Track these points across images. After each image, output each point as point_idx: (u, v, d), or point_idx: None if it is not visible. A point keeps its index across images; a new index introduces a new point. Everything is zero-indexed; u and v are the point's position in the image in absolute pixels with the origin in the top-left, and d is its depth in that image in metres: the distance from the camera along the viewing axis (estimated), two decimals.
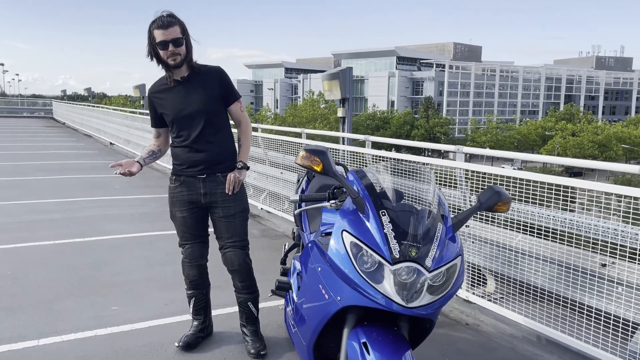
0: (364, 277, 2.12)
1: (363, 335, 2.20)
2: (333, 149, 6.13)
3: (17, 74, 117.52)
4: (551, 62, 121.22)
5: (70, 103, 32.90)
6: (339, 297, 2.22)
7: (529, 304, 3.91)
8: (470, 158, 53.78)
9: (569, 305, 3.56)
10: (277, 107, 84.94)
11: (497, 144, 67.79)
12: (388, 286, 2.10)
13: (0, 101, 48.47)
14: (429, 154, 42.70)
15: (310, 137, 6.77)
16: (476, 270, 4.36)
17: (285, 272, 3.32)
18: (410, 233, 2.19)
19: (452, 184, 4.42)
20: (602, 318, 3.30)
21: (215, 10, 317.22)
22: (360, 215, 2.28)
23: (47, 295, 4.36)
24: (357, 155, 5.64)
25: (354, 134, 6.32)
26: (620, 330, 3.24)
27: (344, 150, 5.84)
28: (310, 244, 2.60)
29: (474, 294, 4.37)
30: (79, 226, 6.76)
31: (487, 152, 4.36)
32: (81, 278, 4.80)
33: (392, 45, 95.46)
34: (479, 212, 3.27)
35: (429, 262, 2.14)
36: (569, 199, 3.42)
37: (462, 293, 4.45)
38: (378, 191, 2.37)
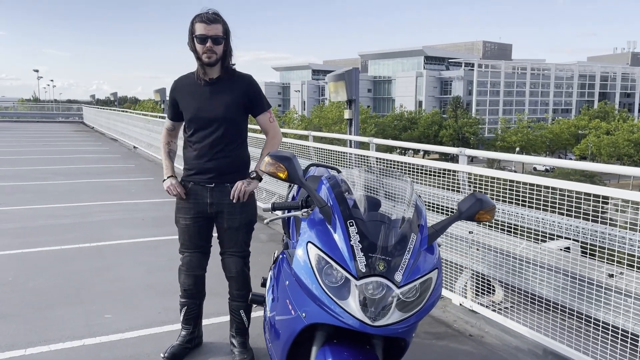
0: (328, 292, 1.97)
1: (330, 355, 2.04)
2: (341, 152, 5.98)
3: (52, 80, 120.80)
4: (585, 59, 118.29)
5: (98, 108, 33.53)
6: (303, 314, 2.07)
7: (536, 315, 3.68)
8: (500, 164, 52.72)
9: (575, 317, 3.33)
10: (304, 109, 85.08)
11: (528, 144, 66.48)
12: (353, 303, 1.94)
13: (34, 107, 49.73)
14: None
15: (317, 139, 6.62)
16: (480, 279, 4.15)
17: (265, 283, 3.20)
18: (379, 245, 2.02)
19: (456, 188, 4.23)
20: (610, 331, 3.07)
21: (243, 13, 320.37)
22: (328, 225, 2.13)
23: (43, 303, 4.32)
24: (362, 158, 5.47)
25: (359, 137, 6.15)
26: (629, 344, 3.01)
27: (350, 154, 5.67)
28: (281, 256, 2.46)
29: (480, 303, 4.16)
30: (89, 231, 6.76)
31: (489, 154, 4.14)
32: (80, 284, 4.76)
33: (420, 44, 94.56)
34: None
35: (398, 276, 1.98)
36: (565, 203, 3.20)
37: (467, 302, 4.24)
38: (349, 199, 2.21)
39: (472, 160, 61.34)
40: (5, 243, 6.11)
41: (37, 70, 71.69)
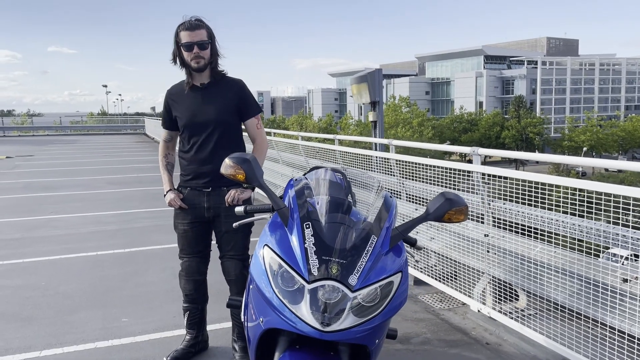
0: (280, 297, 1.91)
1: None
2: (364, 155, 5.89)
3: (120, 94, 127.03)
4: None
5: (158, 119, 34.80)
6: (261, 319, 2.03)
7: (555, 323, 3.45)
8: (567, 167, 50.24)
9: (590, 325, 3.10)
10: (361, 114, 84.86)
11: (598, 143, 63.31)
12: (304, 308, 1.88)
13: (100, 120, 52.33)
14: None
15: (342, 142, 6.56)
16: (500, 284, 3.94)
17: None
18: (335, 248, 1.95)
19: (470, 189, 4.05)
20: (626, 340, 2.83)
21: (301, 21, 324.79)
22: (286, 228, 2.08)
23: (68, 307, 4.49)
24: (384, 161, 5.36)
25: (379, 139, 6.03)
26: None
27: (372, 156, 5.58)
28: (251, 260, 2.42)
29: (500, 310, 3.95)
30: (127, 237, 7.00)
31: (503, 153, 3.93)
32: (106, 289, 4.92)
33: (479, 44, 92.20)
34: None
35: (353, 280, 1.89)
36: (582, 204, 2.98)
37: (485, 309, 4.04)
38: (311, 201, 2.15)
39: (537, 163, 59.04)
40: (49, 249, 6.42)
41: (105, 86, 75.85)
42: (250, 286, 2.20)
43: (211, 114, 3.19)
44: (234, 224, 2.43)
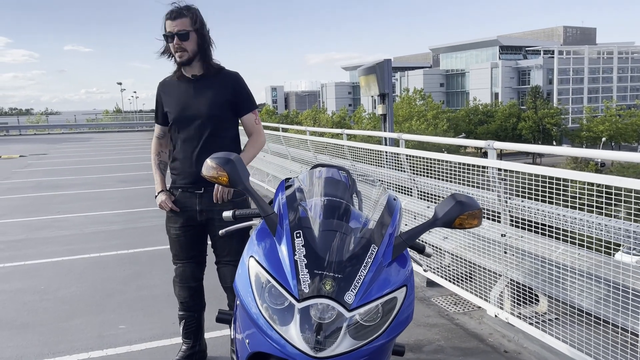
0: (266, 316, 1.69)
1: None
2: (374, 150, 5.63)
3: (135, 92, 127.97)
4: None
5: None
6: (247, 340, 1.80)
7: (580, 330, 3.18)
8: (594, 163, 49.10)
9: (620, 332, 2.83)
10: (374, 107, 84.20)
11: (617, 133, 62.10)
12: (294, 329, 1.64)
13: (115, 117, 52.45)
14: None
15: (350, 137, 6.30)
16: (519, 287, 3.67)
17: None
18: (328, 260, 1.71)
19: (486, 185, 3.78)
20: None
21: (314, 16, 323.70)
22: (274, 237, 1.84)
23: (65, 312, 4.32)
24: (395, 156, 5.10)
25: (388, 133, 5.76)
26: None
27: (382, 151, 5.32)
28: None
29: (519, 314, 3.69)
30: (132, 237, 6.83)
31: (520, 146, 3.66)
32: (106, 293, 4.74)
33: (494, 34, 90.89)
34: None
35: (349, 297, 1.66)
36: (603, 200, 2.70)
37: (503, 314, 3.78)
38: (304, 206, 1.91)
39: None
40: (52, 250, 6.27)
41: (120, 83, 75.92)
42: (238, 301, 1.97)
43: (202, 108, 2.96)
44: (220, 232, 2.19)
